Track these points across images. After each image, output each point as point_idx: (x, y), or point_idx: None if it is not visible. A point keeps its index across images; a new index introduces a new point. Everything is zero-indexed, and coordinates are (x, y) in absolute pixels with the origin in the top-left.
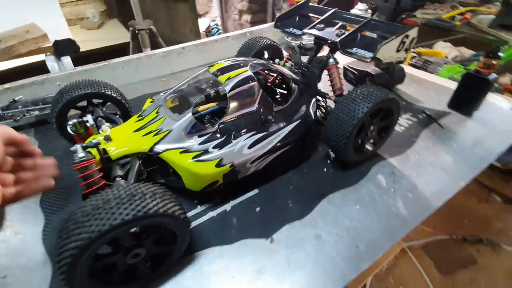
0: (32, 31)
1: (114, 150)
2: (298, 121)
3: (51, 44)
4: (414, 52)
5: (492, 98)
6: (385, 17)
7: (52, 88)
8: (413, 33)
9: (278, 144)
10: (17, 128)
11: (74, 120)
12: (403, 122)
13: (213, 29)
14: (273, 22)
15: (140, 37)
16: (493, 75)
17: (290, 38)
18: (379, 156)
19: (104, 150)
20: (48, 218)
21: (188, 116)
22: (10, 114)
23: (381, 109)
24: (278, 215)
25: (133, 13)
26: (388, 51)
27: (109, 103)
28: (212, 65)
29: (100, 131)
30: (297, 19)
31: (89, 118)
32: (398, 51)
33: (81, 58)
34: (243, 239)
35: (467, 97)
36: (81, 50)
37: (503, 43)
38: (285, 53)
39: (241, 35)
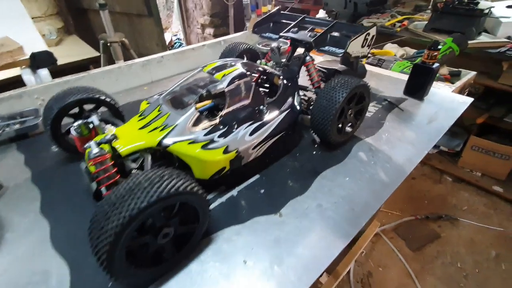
0: (7, 44)
1: (123, 147)
2: (287, 111)
3: (27, 57)
4: (369, 53)
5: (437, 85)
6: (345, 21)
7: (30, 101)
8: (372, 31)
9: (274, 131)
10: None
11: (79, 122)
12: (371, 109)
13: (175, 43)
14: (244, 31)
15: (112, 49)
16: (436, 65)
17: (261, 45)
18: (357, 137)
19: (113, 147)
20: (53, 224)
21: (192, 110)
22: None
23: (356, 95)
24: (281, 193)
25: (94, 28)
26: (355, 47)
27: (100, 109)
28: (205, 66)
29: (105, 131)
30: (271, 25)
31: (93, 118)
32: (362, 46)
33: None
34: (254, 217)
35: (418, 84)
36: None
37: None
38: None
39: (216, 43)
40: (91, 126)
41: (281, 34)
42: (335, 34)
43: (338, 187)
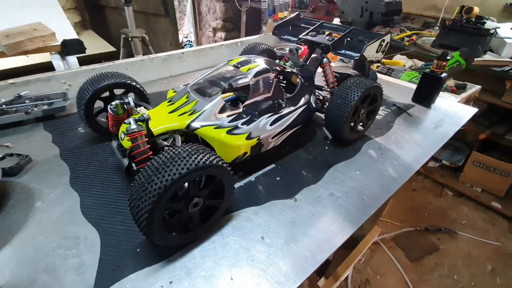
0: (40, 29)
1: (155, 127)
2: (304, 107)
3: (58, 43)
4: (379, 62)
5: (443, 95)
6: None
7: (57, 85)
8: (387, 38)
9: (291, 124)
10: (24, 123)
11: (117, 101)
12: (381, 112)
13: (186, 45)
14: (260, 34)
15: (132, 44)
16: (444, 74)
17: (276, 49)
18: (367, 137)
19: (147, 127)
20: (82, 195)
21: (219, 98)
22: (14, 109)
23: (369, 95)
24: (296, 181)
25: (109, 24)
26: (370, 51)
27: (129, 94)
28: (231, 60)
29: (138, 113)
30: (290, 28)
31: (130, 100)
32: (377, 51)
33: None
34: (270, 200)
35: (426, 92)
36: None
37: None
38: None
39: (233, 44)
40: (125, 107)
41: (300, 36)
42: (351, 39)
43: (349, 179)
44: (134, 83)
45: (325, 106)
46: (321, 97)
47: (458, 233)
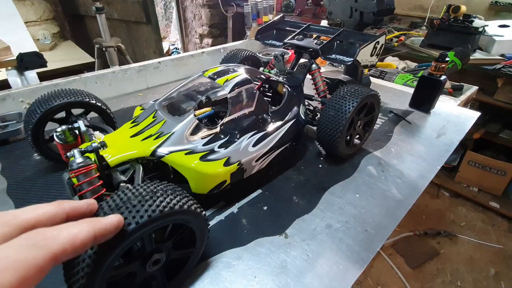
0: None
1: (111, 157)
2: (293, 121)
3: (13, 57)
4: (374, 67)
5: (442, 98)
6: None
7: (15, 105)
8: (382, 40)
9: (278, 142)
10: None
11: (64, 127)
12: (378, 121)
13: (172, 52)
14: (244, 40)
15: (107, 54)
16: (443, 77)
17: (261, 54)
18: (365, 150)
19: (101, 156)
20: None
21: (190, 117)
22: None
23: (366, 105)
24: (286, 211)
25: (90, 34)
26: (364, 55)
27: (90, 114)
28: (206, 71)
29: (93, 138)
30: (274, 32)
31: (80, 124)
32: (371, 55)
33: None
34: (256, 238)
35: (425, 97)
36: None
37: (434, 59)
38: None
39: (216, 51)
40: (77, 132)
41: (285, 41)
42: (342, 42)
43: (348, 205)
44: (93, 101)
45: (316, 118)
46: (311, 107)
47: (458, 236)
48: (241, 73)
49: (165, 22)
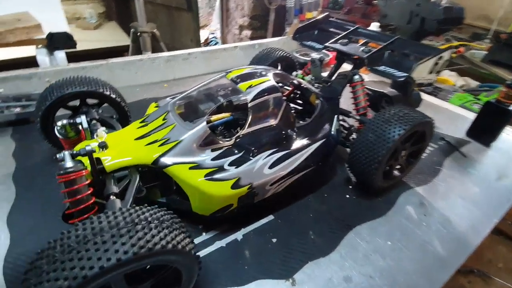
0: (24, 20)
1: (110, 160)
2: (323, 140)
3: (43, 36)
4: (431, 85)
5: (507, 130)
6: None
7: (40, 84)
8: (446, 55)
9: (302, 165)
10: None
11: (64, 121)
12: None
13: (211, 41)
14: (283, 37)
15: (141, 39)
16: None
17: (299, 54)
18: (405, 184)
19: (98, 159)
20: (15, 238)
21: (202, 125)
22: None
23: (415, 133)
24: (299, 249)
25: (134, 17)
26: (421, 72)
27: (105, 104)
28: (230, 71)
29: (94, 136)
30: (316, 32)
31: (82, 119)
32: (430, 72)
33: (73, 57)
34: (258, 279)
35: (487, 127)
36: (79, 50)
37: (498, 79)
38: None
39: (250, 46)
40: (80, 127)
41: (327, 44)
42: (394, 52)
43: (376, 253)
44: (107, 92)
45: (351, 138)
46: (346, 125)
47: (493, 278)
48: (269, 78)
49: (208, 10)
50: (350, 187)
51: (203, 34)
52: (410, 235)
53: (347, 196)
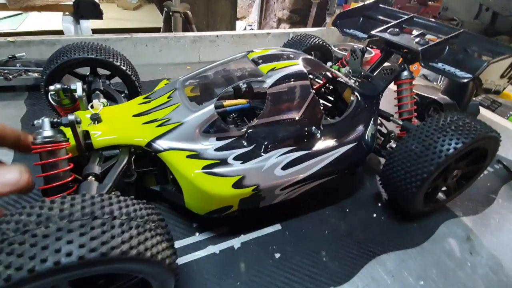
0: None
1: (100, 136)
2: (353, 144)
3: (70, 3)
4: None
5: None
6: None
7: None
8: None
9: (323, 170)
10: (9, 88)
11: (58, 85)
12: None
13: None
14: (322, 27)
15: (173, 19)
16: None
17: (337, 49)
18: (449, 211)
19: (88, 133)
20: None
21: (209, 108)
22: (6, 71)
23: (476, 149)
24: (306, 272)
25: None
26: (492, 74)
27: (119, 81)
28: (252, 51)
29: (88, 108)
30: (361, 20)
31: (78, 86)
32: (502, 76)
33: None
34: None
35: None
36: (112, 27)
37: None
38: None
39: (284, 34)
40: (76, 94)
41: (373, 32)
42: (456, 48)
43: None
44: (118, 63)
45: (388, 147)
46: (384, 131)
47: None
48: (297, 63)
49: (248, 2)
50: (380, 204)
51: (241, 25)
52: (449, 276)
53: (374, 215)
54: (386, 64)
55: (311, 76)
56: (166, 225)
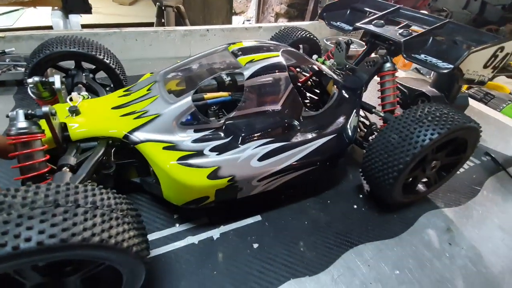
0: None
1: (77, 128)
2: (332, 136)
3: None
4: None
5: None
6: None
7: None
8: (509, 46)
9: (302, 162)
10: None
11: (36, 78)
12: None
13: None
14: (313, 21)
15: (165, 14)
16: None
17: (329, 42)
18: (430, 202)
19: (65, 125)
20: None
21: (186, 100)
22: None
23: (454, 140)
24: (283, 261)
25: None
26: (474, 64)
27: (105, 76)
28: (232, 44)
29: (67, 100)
30: (348, 12)
31: (56, 78)
32: (485, 66)
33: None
34: None
35: None
36: (108, 22)
37: None
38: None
39: (275, 27)
40: (54, 86)
41: (357, 24)
42: (441, 39)
43: (378, 283)
44: (101, 56)
45: (370, 139)
46: (367, 122)
47: None
48: (277, 54)
49: None
50: (361, 196)
51: (239, 20)
52: (426, 266)
53: (355, 206)
54: (372, 56)
55: (298, 69)
56: (137, 214)
